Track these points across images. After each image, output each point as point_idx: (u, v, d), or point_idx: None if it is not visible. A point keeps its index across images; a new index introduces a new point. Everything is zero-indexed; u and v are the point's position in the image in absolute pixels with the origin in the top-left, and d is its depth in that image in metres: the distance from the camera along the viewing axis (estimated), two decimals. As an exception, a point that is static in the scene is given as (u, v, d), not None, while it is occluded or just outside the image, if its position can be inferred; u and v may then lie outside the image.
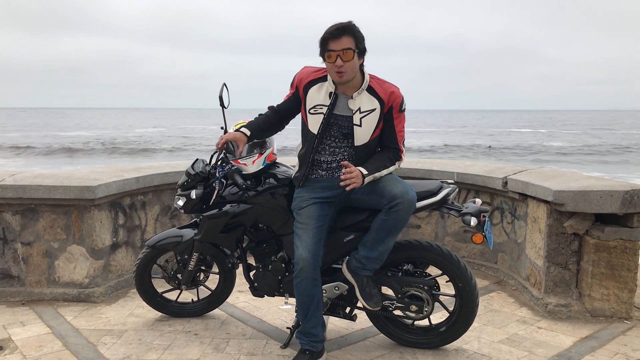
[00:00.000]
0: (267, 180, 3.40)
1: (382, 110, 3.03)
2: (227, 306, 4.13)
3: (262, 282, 3.54)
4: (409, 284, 3.32)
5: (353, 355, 3.38)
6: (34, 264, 4.29)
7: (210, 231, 3.51)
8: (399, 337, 3.49)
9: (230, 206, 3.45)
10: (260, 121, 3.23)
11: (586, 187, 3.90)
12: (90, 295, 4.26)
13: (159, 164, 5.28)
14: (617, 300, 3.96)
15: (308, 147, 3.12)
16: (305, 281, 3.03)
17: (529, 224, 4.47)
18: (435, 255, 3.27)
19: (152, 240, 3.77)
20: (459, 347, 3.49)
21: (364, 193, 3.08)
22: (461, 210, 3.21)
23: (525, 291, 4.44)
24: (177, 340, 3.57)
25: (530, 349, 3.48)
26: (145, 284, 3.85)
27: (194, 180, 3.50)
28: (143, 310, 4.10)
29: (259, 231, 3.54)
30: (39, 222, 4.25)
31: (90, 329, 3.77)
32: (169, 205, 5.07)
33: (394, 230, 3.02)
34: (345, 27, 2.85)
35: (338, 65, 2.86)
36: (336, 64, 2.86)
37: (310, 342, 3.15)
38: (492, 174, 4.89)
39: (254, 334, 3.70)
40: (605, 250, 3.91)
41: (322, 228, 3.09)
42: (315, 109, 3.05)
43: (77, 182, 4.12)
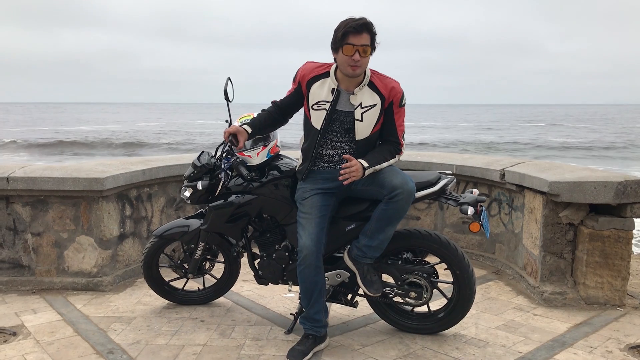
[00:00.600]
0: (271, 172, 3.52)
1: (383, 105, 3.14)
2: (232, 294, 4.25)
3: (266, 270, 3.65)
4: (408, 272, 3.43)
5: (354, 340, 3.50)
6: (43, 254, 4.41)
7: (216, 221, 3.62)
8: (398, 322, 3.61)
9: (236, 197, 3.56)
10: (262, 117, 3.34)
11: (581, 178, 4.01)
12: (99, 284, 4.38)
13: (164, 157, 5.40)
14: (611, 288, 4.08)
15: (311, 142, 3.23)
16: (309, 269, 3.15)
17: (526, 214, 4.59)
18: (434, 244, 3.39)
19: (159, 230, 3.89)
20: (457, 332, 3.61)
21: (364, 184, 3.19)
22: (459, 200, 3.32)
23: (522, 280, 4.56)
24: (184, 327, 3.69)
25: (526, 335, 3.60)
26: (153, 272, 3.98)
27: (200, 172, 3.61)
28: (150, 298, 4.22)
29: (263, 221, 3.66)
30: (48, 213, 4.36)
31: (99, 316, 3.89)
32: (174, 196, 5.19)
33: (394, 220, 3.14)
34: (366, 24, 2.96)
35: (355, 59, 2.96)
36: (354, 58, 2.96)
37: (313, 327, 3.27)
38: (490, 166, 5.00)
39: (259, 320, 3.82)
40: (600, 240, 4.03)
41: (324, 218, 3.20)
42: (319, 104, 3.16)
43: (86, 174, 4.24)
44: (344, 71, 3.06)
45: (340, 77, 3.13)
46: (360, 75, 3.10)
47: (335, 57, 3.09)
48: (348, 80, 3.11)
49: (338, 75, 3.13)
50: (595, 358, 3.27)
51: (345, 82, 3.12)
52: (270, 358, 3.24)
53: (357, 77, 3.08)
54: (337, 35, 3.01)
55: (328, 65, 3.19)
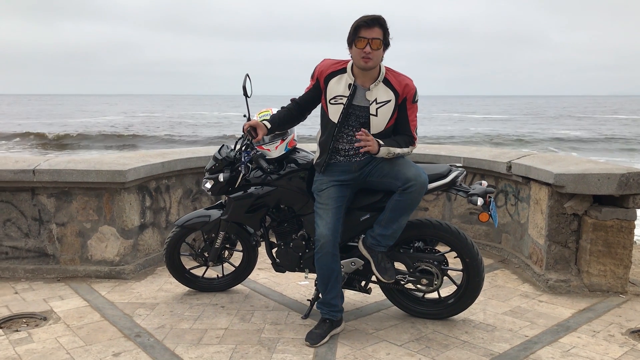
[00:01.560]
0: (289, 165, 3.69)
1: (397, 101, 3.30)
2: (248, 282, 4.44)
3: (283, 258, 3.83)
4: (420, 260, 3.60)
5: (368, 325, 3.68)
6: (68, 243, 4.60)
7: (236, 211, 3.80)
8: (410, 308, 3.79)
9: (255, 188, 3.73)
10: (281, 114, 3.50)
11: (585, 170, 4.17)
12: (121, 272, 4.57)
13: (181, 150, 5.57)
14: (613, 276, 4.24)
15: (328, 135, 3.39)
16: (326, 256, 3.33)
17: (532, 205, 4.75)
18: (444, 233, 3.56)
19: (181, 220, 4.06)
20: (465, 317, 3.79)
21: (379, 176, 3.35)
22: (468, 192, 3.49)
23: (528, 268, 4.73)
24: (205, 312, 3.88)
25: (532, 320, 3.77)
26: (174, 261, 4.16)
27: (221, 165, 3.78)
28: (171, 285, 4.41)
29: (281, 211, 3.83)
30: (72, 204, 4.55)
31: (124, 302, 4.08)
32: (191, 188, 5.36)
33: (407, 210, 3.31)
34: (378, 19, 3.13)
35: (366, 51, 3.12)
36: (365, 50, 3.12)
37: (330, 311, 3.45)
38: (497, 159, 5.16)
39: (276, 306, 4.00)
40: (603, 230, 4.19)
41: (340, 208, 3.38)
42: (336, 99, 3.32)
43: (108, 167, 4.42)
44: (357, 64, 3.22)
45: (356, 72, 3.28)
46: (374, 70, 3.25)
47: (350, 53, 3.25)
48: (364, 76, 3.27)
49: (354, 71, 3.29)
50: (598, 341, 3.44)
51: (361, 77, 3.28)
52: (289, 341, 3.42)
53: (370, 70, 3.23)
54: (351, 30, 3.18)
55: (345, 62, 3.35)
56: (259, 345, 3.36)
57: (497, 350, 3.31)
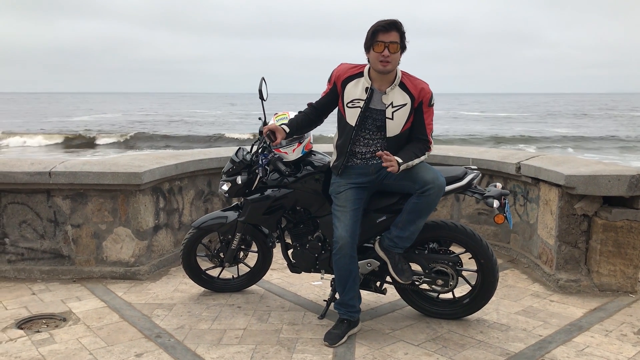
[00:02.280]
0: (306, 167, 3.74)
1: (413, 105, 3.35)
2: (263, 282, 4.49)
3: (299, 259, 3.88)
4: (435, 261, 3.66)
5: (384, 325, 3.74)
6: (83, 245, 4.65)
7: (253, 213, 3.85)
8: (425, 308, 3.85)
9: (272, 191, 3.78)
10: (299, 118, 3.56)
11: (595, 171, 4.23)
12: (136, 273, 4.62)
13: (192, 151, 5.63)
14: (623, 276, 4.30)
15: (346, 138, 3.44)
16: (344, 258, 3.38)
17: (541, 206, 4.81)
18: (460, 235, 3.61)
19: (197, 222, 4.11)
20: (479, 317, 3.85)
21: (397, 178, 3.41)
22: (484, 194, 3.54)
23: (537, 268, 4.79)
24: (223, 312, 3.93)
25: (545, 319, 3.83)
26: (191, 262, 4.21)
27: (238, 167, 3.83)
28: (186, 286, 4.46)
29: (297, 213, 3.88)
30: (87, 206, 4.59)
31: (141, 303, 4.13)
32: (203, 189, 5.41)
33: (425, 213, 3.36)
34: (395, 23, 3.18)
35: (385, 55, 3.17)
36: (383, 54, 3.18)
37: (348, 312, 3.51)
38: (506, 160, 5.21)
39: (292, 306, 4.06)
40: (613, 230, 4.25)
41: (358, 210, 3.43)
42: (353, 102, 3.37)
43: (124, 169, 4.46)
44: (375, 68, 3.27)
45: (373, 76, 3.34)
46: (391, 74, 3.31)
47: (368, 57, 3.30)
48: (380, 80, 3.32)
49: (371, 75, 3.34)
50: (611, 341, 3.50)
51: (378, 81, 3.33)
52: (308, 341, 3.48)
53: (388, 73, 3.28)
54: (368, 34, 3.24)
55: (362, 66, 3.40)
56: (279, 345, 3.42)
57: (512, 349, 3.37)
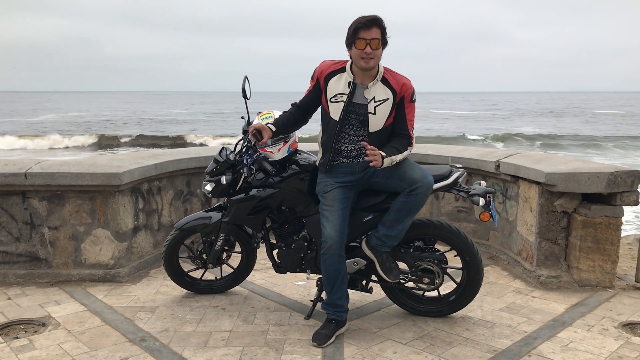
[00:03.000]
0: (291, 167, 3.71)
1: (395, 99, 3.35)
2: (246, 283, 4.44)
3: (285, 259, 3.85)
4: (421, 259, 3.67)
5: (371, 324, 3.74)
6: (60, 247, 4.54)
7: (238, 213, 3.80)
8: (411, 306, 3.86)
9: (257, 190, 3.74)
10: (284, 118, 3.53)
11: (575, 169, 4.30)
12: (116, 276, 4.53)
13: (171, 151, 5.55)
14: (602, 271, 4.39)
15: (330, 134, 3.42)
16: (333, 257, 3.37)
17: (520, 203, 4.87)
18: (446, 233, 3.63)
19: (180, 223, 4.05)
20: (464, 314, 3.88)
21: (384, 177, 3.40)
22: (469, 192, 3.57)
23: (518, 265, 4.85)
24: (207, 314, 3.88)
25: (528, 315, 3.88)
26: (173, 264, 4.14)
27: (222, 167, 3.78)
28: (168, 288, 4.39)
29: (282, 213, 3.85)
30: (65, 208, 4.48)
31: (123, 306, 4.05)
32: (182, 189, 5.34)
33: (413, 211, 3.37)
34: (376, 19, 3.18)
35: (367, 52, 3.17)
36: (365, 51, 3.17)
37: (336, 312, 3.49)
38: (485, 158, 5.27)
39: (277, 307, 4.03)
40: (592, 226, 4.33)
41: (346, 209, 3.42)
42: (336, 97, 3.36)
43: (103, 170, 4.37)
44: (357, 65, 3.26)
45: (355, 71, 3.33)
46: (374, 69, 3.31)
47: (350, 53, 3.29)
48: (363, 74, 3.31)
49: (354, 70, 3.34)
50: (594, 335, 3.56)
51: (360, 76, 3.33)
52: (295, 342, 3.45)
53: (371, 69, 3.28)
54: (349, 31, 3.23)
55: (344, 62, 3.40)
56: (267, 347, 3.38)
57: (499, 346, 3.40)
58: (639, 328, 3.71)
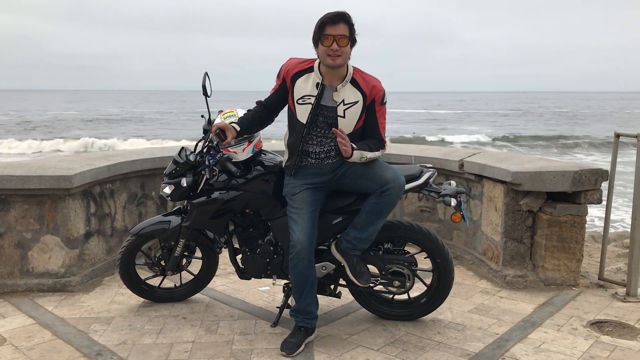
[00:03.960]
0: (256, 168, 3.54)
1: (365, 102, 3.23)
2: (207, 290, 4.23)
3: (250, 265, 3.68)
4: (391, 262, 3.56)
5: (340, 330, 3.61)
6: (5, 256, 4.22)
7: (200, 217, 3.60)
8: (380, 310, 3.75)
9: (220, 193, 3.55)
10: (249, 117, 3.36)
11: (540, 168, 4.28)
12: (67, 285, 4.25)
13: (124, 151, 5.28)
14: (567, 270, 4.39)
15: (297, 136, 3.27)
16: (302, 263, 3.22)
17: (485, 202, 4.84)
18: (416, 234, 3.54)
19: (136, 228, 3.82)
20: (434, 317, 3.79)
21: (354, 178, 3.28)
22: (440, 192, 3.48)
23: (483, 264, 4.82)
24: (167, 325, 3.67)
25: (498, 317, 3.83)
26: (130, 271, 3.90)
27: (182, 169, 3.58)
28: (123, 297, 4.14)
29: (246, 216, 3.68)
30: (10, 213, 4.18)
31: (75, 317, 3.79)
32: (136, 192, 5.08)
33: (384, 213, 3.25)
34: (343, 15, 3.04)
35: (334, 49, 3.03)
36: (332, 48, 3.03)
37: (305, 319, 3.35)
38: (448, 157, 5.22)
39: (241, 315, 3.85)
40: (557, 225, 4.32)
41: (315, 212, 3.28)
42: (304, 99, 3.21)
43: (52, 172, 4.09)
44: (324, 62, 3.13)
45: (323, 71, 3.19)
46: (342, 70, 3.17)
47: (317, 52, 3.15)
48: (331, 75, 3.18)
49: (322, 70, 3.20)
50: (564, 335, 3.53)
51: (328, 77, 3.19)
52: (263, 352, 3.29)
53: (338, 68, 3.13)
54: (315, 28, 3.10)
55: (312, 61, 3.25)
56: (233, 358, 3.21)
57: (472, 349, 3.33)
58: (606, 326, 3.71)
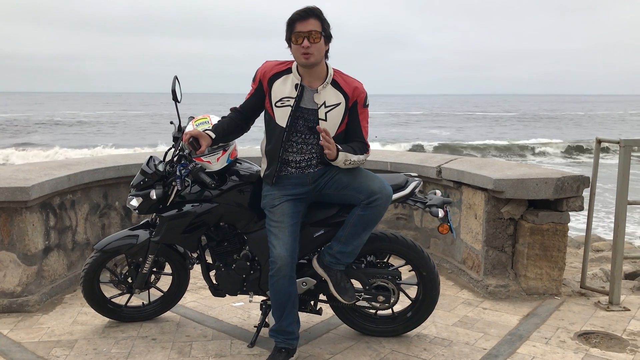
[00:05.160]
0: (231, 178, 3.32)
1: (347, 104, 3.05)
2: (177, 308, 3.97)
3: (224, 281, 3.45)
4: (375, 276, 3.39)
5: (322, 348, 3.41)
6: (-46, 275, 3.89)
7: (171, 232, 3.36)
8: (363, 327, 3.57)
9: (192, 206, 3.32)
10: (224, 124, 3.13)
11: (523, 175, 4.18)
12: (24, 305, 3.93)
13: (84, 159, 4.97)
14: (549, 279, 4.29)
15: (276, 142, 3.06)
16: (283, 280, 3.01)
17: (464, 210, 4.72)
18: (401, 247, 3.37)
19: (101, 244, 3.55)
20: (419, 332, 3.63)
21: (338, 188, 3.09)
22: (426, 203, 3.32)
23: (463, 274, 4.69)
24: (136, 347, 3.40)
25: (484, 330, 3.70)
26: (94, 290, 3.63)
27: (151, 180, 3.33)
28: (87, 316, 3.86)
29: (220, 230, 3.44)
30: (-41, 228, 3.85)
31: (34, 341, 3.48)
32: (98, 203, 4.78)
33: (371, 225, 3.08)
34: (312, 10, 2.86)
35: (305, 46, 2.84)
36: (303, 45, 2.84)
37: (286, 340, 3.13)
38: (425, 163, 5.08)
39: (215, 334, 3.61)
40: (539, 233, 4.22)
41: (296, 225, 3.08)
42: (282, 101, 3.01)
43: (7, 183, 3.78)
44: (298, 62, 2.95)
45: (302, 72, 3.01)
46: (321, 70, 3.00)
47: (291, 51, 2.97)
48: (310, 76, 2.99)
49: (300, 71, 3.01)
50: (553, 349, 3.42)
51: (308, 77, 3.00)
52: (241, 376, 3.07)
53: (314, 67, 2.95)
54: (286, 27, 2.92)
55: (289, 62, 3.07)
56: (209, 384, 2.98)
57: (462, 367, 3.18)
58: (593, 338, 3.61)
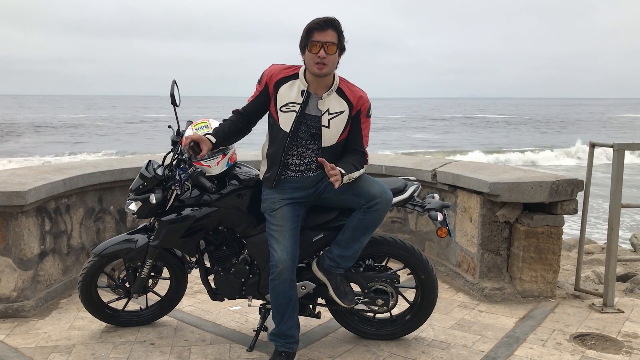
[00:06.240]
0: (231, 182, 3.32)
1: (351, 113, 3.07)
2: (175, 312, 3.96)
3: (223, 285, 3.45)
4: (373, 279, 3.40)
5: (321, 352, 3.42)
6: (-51, 280, 3.85)
7: (170, 236, 3.35)
8: (362, 330, 3.58)
9: (191, 210, 3.32)
10: (225, 127, 3.13)
11: (518, 178, 4.22)
12: (20, 310, 3.90)
13: (79, 163, 4.93)
14: (544, 281, 4.33)
15: (279, 146, 3.07)
16: (284, 284, 3.01)
17: (459, 213, 4.75)
18: (400, 250, 3.39)
19: (99, 248, 3.53)
20: (417, 336, 3.65)
21: (337, 193, 3.10)
22: (425, 206, 3.34)
23: (458, 277, 4.72)
24: (134, 352, 3.39)
25: (481, 333, 3.72)
26: (92, 295, 3.61)
27: (150, 184, 3.32)
28: (84, 321, 3.84)
29: (219, 234, 3.44)
30: (-46, 233, 3.81)
31: (31, 347, 3.46)
32: (93, 207, 4.76)
33: (370, 229, 3.09)
34: (332, 21, 2.87)
35: (321, 56, 2.85)
36: (319, 55, 2.85)
37: (286, 344, 3.13)
38: (420, 167, 5.11)
39: (214, 338, 3.61)
40: (534, 236, 4.26)
41: (296, 229, 3.09)
42: (287, 106, 3.03)
43: (3, 187, 3.75)
44: (311, 70, 2.96)
45: (309, 79, 3.02)
46: (328, 78, 3.01)
47: (303, 59, 2.98)
48: (317, 83, 3.01)
49: (307, 78, 3.02)
50: (550, 351, 3.45)
51: (314, 85, 3.02)
52: (241, 380, 3.07)
53: (325, 77, 2.97)
54: (303, 34, 2.93)
55: (297, 67, 3.08)
56: (210, 388, 2.98)
57: (461, 370, 3.20)
58: (589, 339, 3.65)
